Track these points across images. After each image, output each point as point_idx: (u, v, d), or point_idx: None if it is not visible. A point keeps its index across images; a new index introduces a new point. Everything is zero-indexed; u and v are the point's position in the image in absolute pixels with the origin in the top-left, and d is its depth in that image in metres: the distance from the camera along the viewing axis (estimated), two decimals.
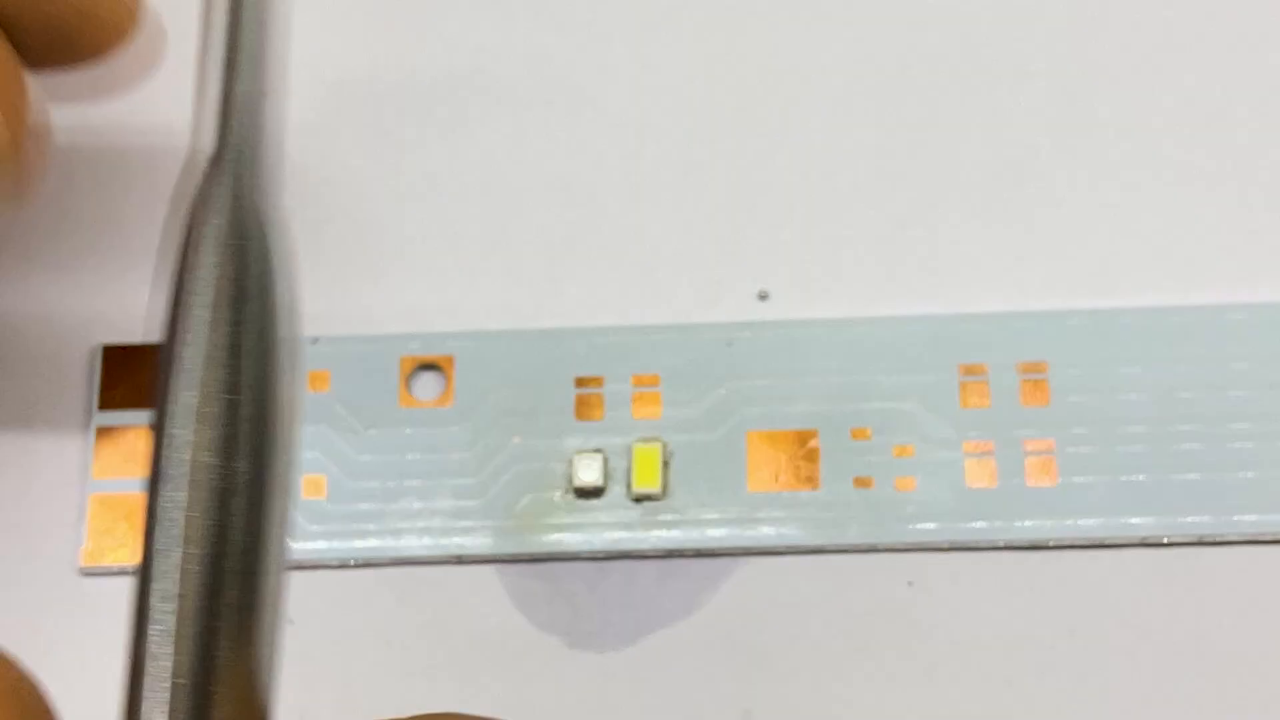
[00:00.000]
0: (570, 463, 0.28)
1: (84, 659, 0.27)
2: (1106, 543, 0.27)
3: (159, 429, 0.19)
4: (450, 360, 0.29)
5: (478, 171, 0.31)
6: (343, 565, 0.28)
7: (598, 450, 0.28)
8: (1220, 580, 0.27)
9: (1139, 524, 0.27)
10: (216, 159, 0.20)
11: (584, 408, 0.29)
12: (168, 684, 0.18)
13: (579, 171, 0.30)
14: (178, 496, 0.18)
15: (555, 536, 0.28)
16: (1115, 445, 0.28)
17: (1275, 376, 0.28)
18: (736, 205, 0.30)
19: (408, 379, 0.29)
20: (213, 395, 0.19)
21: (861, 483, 0.28)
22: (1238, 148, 0.30)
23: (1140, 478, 0.28)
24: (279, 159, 0.21)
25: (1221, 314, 0.28)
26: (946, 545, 0.28)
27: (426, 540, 0.28)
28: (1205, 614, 0.27)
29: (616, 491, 0.28)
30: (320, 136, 0.31)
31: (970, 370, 0.29)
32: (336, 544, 0.28)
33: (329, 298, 0.29)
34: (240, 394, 0.19)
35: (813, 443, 0.28)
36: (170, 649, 0.18)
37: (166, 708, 0.18)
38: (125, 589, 0.28)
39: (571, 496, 0.28)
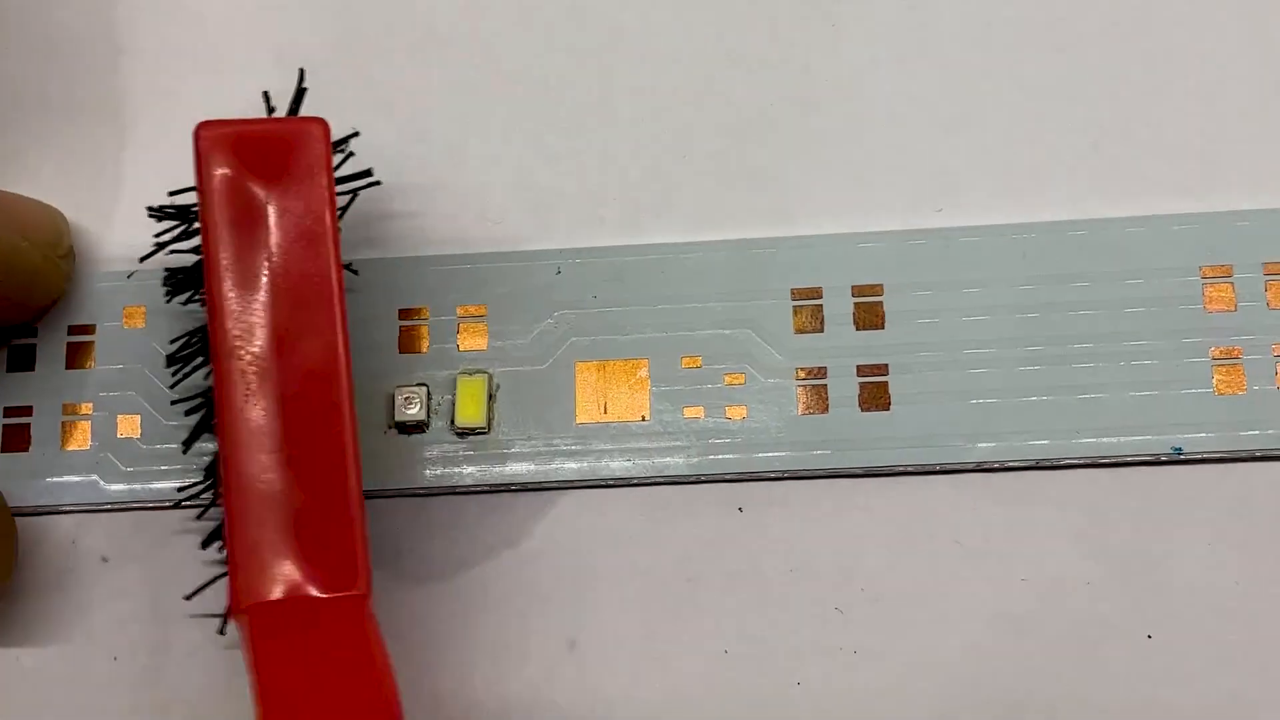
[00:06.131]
0: (392, 398, 0.27)
1: None
2: (941, 468, 0.27)
3: None
4: None
5: None
6: (158, 505, 0.27)
7: (421, 384, 0.27)
8: (1057, 503, 0.27)
9: (976, 449, 0.27)
10: None
11: (408, 340, 0.28)
12: None
13: (416, 95, 0.29)
14: None
15: (377, 473, 0.27)
16: (952, 369, 0.27)
17: (1118, 294, 0.27)
18: (573, 130, 0.29)
19: None
20: None
21: (692, 412, 0.27)
22: (1078, 66, 0.29)
23: (977, 402, 0.27)
24: None
25: (1062, 231, 0.28)
26: (777, 474, 0.27)
27: None
28: (1041, 537, 0.27)
29: (439, 426, 0.27)
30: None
31: (803, 294, 0.28)
32: (152, 485, 0.27)
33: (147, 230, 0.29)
34: None
35: (642, 372, 0.28)
36: None
37: None
38: None
39: (394, 432, 0.27)
